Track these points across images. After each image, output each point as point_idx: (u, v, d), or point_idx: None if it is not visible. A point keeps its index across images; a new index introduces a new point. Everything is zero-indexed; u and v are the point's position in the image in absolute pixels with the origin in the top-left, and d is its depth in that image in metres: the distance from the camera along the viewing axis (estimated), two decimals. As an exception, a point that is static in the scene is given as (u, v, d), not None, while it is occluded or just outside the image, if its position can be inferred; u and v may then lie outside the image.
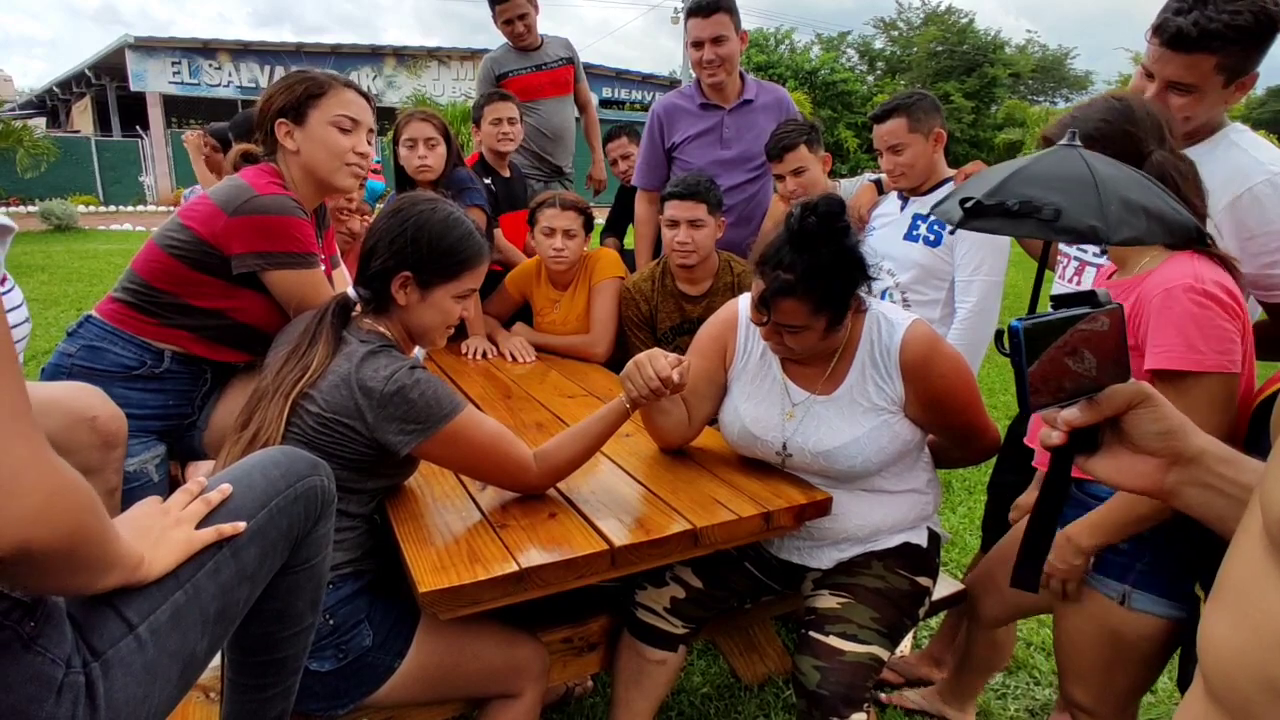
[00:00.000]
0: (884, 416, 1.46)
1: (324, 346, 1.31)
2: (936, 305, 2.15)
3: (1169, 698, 2.02)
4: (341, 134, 1.67)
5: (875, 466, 1.48)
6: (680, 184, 2.27)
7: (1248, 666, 0.45)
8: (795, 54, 29.52)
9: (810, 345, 1.43)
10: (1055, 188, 1.11)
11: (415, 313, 1.40)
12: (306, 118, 1.65)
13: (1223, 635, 0.48)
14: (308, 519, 1.03)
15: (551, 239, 2.45)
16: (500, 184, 3.00)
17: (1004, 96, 29.97)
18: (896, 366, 1.45)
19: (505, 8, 3.34)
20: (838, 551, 1.55)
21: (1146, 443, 0.67)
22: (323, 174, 1.69)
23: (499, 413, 1.96)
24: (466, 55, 20.70)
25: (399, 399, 1.25)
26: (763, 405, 1.55)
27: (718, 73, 2.64)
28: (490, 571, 1.19)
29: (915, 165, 2.13)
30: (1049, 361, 0.67)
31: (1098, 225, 1.05)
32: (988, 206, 1.14)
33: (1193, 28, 1.35)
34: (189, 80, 18.66)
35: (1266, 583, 0.44)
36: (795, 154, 2.38)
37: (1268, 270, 1.42)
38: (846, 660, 1.36)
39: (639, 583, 1.57)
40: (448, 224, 1.38)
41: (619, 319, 2.50)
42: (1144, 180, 1.16)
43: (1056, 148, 1.21)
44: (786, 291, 1.34)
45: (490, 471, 1.38)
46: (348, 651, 1.25)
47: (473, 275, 1.43)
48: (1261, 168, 1.41)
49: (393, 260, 1.36)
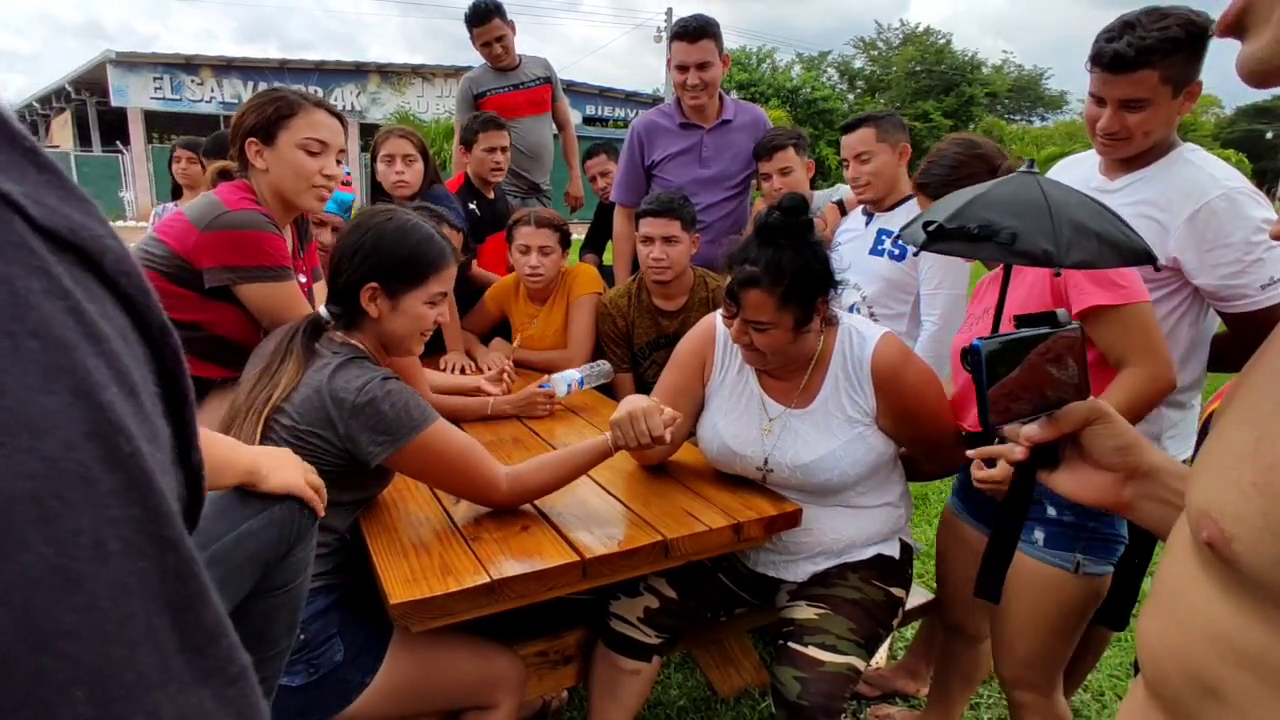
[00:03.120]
0: (859, 429, 1.49)
1: (295, 362, 1.33)
2: (903, 319, 2.19)
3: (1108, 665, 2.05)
4: (309, 156, 1.69)
5: (852, 479, 1.50)
6: (654, 201, 2.30)
7: (1178, 662, 0.47)
8: (777, 73, 29.94)
9: (779, 347, 1.46)
10: (1012, 212, 1.16)
11: (388, 322, 1.41)
12: (276, 139, 1.67)
13: (1156, 633, 0.51)
14: (281, 543, 1.03)
15: (528, 256, 2.48)
16: (484, 206, 3.02)
17: (982, 115, 30.55)
18: (869, 378, 1.49)
19: (482, 31, 3.40)
20: (812, 565, 1.58)
21: (1103, 458, 0.70)
22: (288, 195, 1.71)
23: (475, 428, 1.97)
24: (450, 72, 20.77)
25: (370, 409, 1.26)
26: (740, 421, 1.57)
27: (700, 96, 2.69)
28: (462, 583, 1.20)
29: (881, 175, 2.19)
30: (1010, 379, 0.69)
31: (1050, 249, 1.10)
32: (950, 230, 1.19)
33: (1128, 49, 1.42)
34: (171, 96, 18.57)
35: (1193, 584, 0.47)
36: (784, 154, 2.49)
37: (1227, 281, 1.47)
38: (826, 671, 1.38)
39: (613, 593, 1.58)
40: (405, 231, 1.40)
41: (596, 334, 2.53)
42: (1097, 206, 1.21)
43: (1015, 174, 1.27)
44: (752, 282, 1.39)
45: (460, 484, 1.39)
46: (318, 667, 1.25)
47: (439, 279, 1.43)
48: (1217, 183, 1.47)
49: (357, 273, 1.37)
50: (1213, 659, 0.44)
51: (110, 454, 0.19)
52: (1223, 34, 0.45)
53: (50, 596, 0.17)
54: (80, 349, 0.18)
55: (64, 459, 0.17)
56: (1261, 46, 0.43)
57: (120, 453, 0.19)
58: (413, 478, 1.45)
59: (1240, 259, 1.45)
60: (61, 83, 19.49)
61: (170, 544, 0.20)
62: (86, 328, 0.19)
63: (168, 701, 0.20)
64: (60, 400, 0.18)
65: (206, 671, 0.21)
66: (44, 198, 0.19)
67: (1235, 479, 0.44)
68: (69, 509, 0.17)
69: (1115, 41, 1.44)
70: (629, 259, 2.93)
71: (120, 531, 0.19)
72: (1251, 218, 1.44)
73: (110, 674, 0.18)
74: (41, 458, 0.17)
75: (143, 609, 0.19)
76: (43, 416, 0.17)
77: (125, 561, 0.19)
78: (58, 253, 0.19)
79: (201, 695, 0.21)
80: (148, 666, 0.19)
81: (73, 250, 0.19)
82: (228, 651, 0.23)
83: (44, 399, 0.17)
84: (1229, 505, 0.44)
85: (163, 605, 0.20)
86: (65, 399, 0.18)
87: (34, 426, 0.17)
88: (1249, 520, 0.42)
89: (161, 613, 0.20)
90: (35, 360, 0.17)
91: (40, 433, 0.17)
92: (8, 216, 0.18)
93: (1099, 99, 1.52)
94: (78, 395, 0.18)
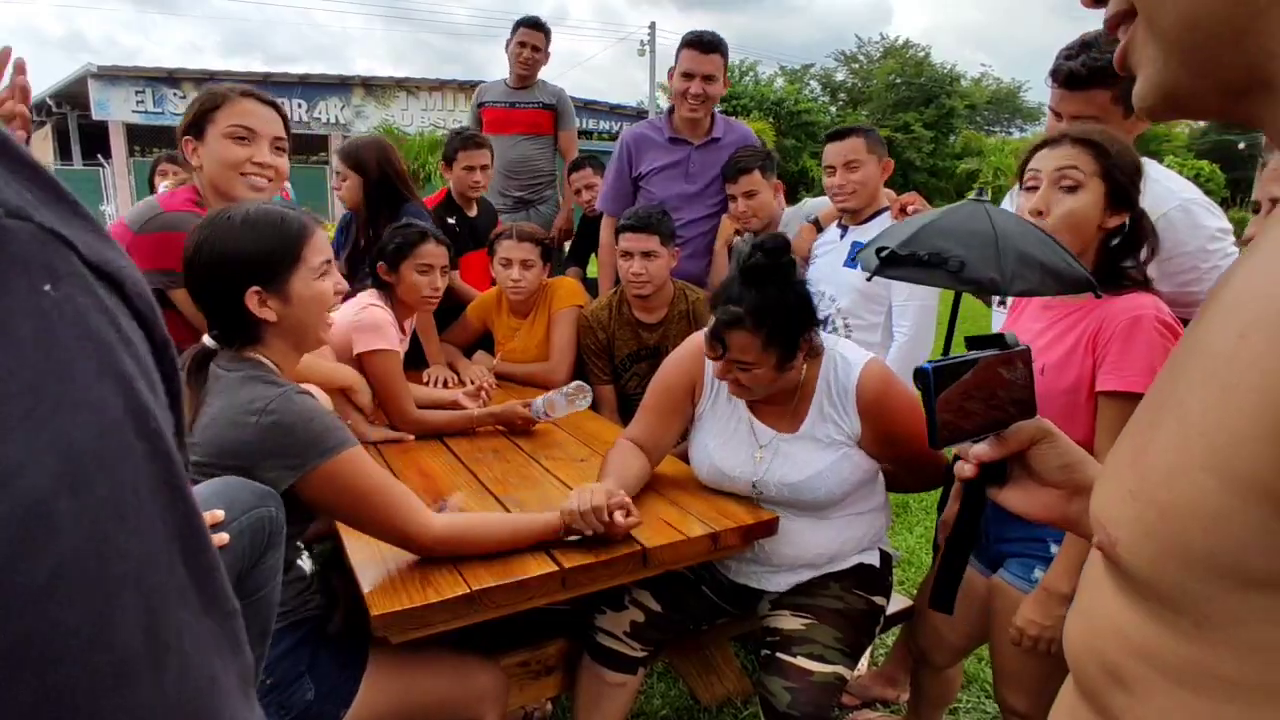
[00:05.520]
0: (843, 450, 1.52)
1: (189, 397, 1.20)
2: (877, 329, 2.24)
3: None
4: (237, 144, 1.65)
5: (839, 496, 1.54)
6: (633, 217, 2.34)
7: (1093, 656, 0.50)
8: (760, 85, 30.21)
9: (764, 384, 1.48)
10: (961, 241, 1.22)
11: (289, 318, 1.27)
12: (205, 132, 1.65)
13: (1076, 630, 0.54)
14: (254, 550, 1.03)
15: (509, 269, 2.50)
16: (465, 223, 3.03)
17: (961, 127, 30.98)
18: (853, 404, 1.51)
19: (530, 34, 3.48)
20: (794, 576, 1.60)
21: (1049, 475, 0.72)
22: (221, 187, 1.67)
23: (457, 440, 1.99)
24: (435, 86, 20.81)
25: (275, 429, 1.15)
26: (730, 445, 1.60)
27: (699, 109, 2.70)
28: (441, 594, 1.21)
29: (867, 184, 2.22)
30: (959, 400, 0.71)
31: (996, 277, 1.15)
32: (902, 256, 1.24)
33: (1082, 69, 1.48)
34: (153, 109, 18.47)
35: (1101, 584, 0.50)
36: (749, 177, 2.51)
37: (1185, 289, 1.52)
38: (815, 681, 1.41)
39: (599, 607, 1.60)
40: (252, 219, 1.25)
41: (578, 347, 2.55)
42: (1043, 236, 1.26)
43: (966, 202, 1.32)
44: (736, 322, 1.40)
45: (375, 522, 1.24)
46: (289, 708, 1.22)
47: (312, 248, 1.29)
48: (1173, 195, 1.52)
49: (229, 285, 1.23)
50: (1119, 653, 0.47)
51: (141, 426, 0.25)
52: (1120, 71, 0.49)
53: (110, 524, 0.23)
54: (118, 350, 0.25)
55: (113, 427, 0.24)
56: (1140, 86, 0.47)
57: (147, 426, 0.25)
58: (324, 511, 1.28)
59: (1197, 266, 1.50)
60: (43, 96, 19.33)
61: (182, 494, 0.27)
62: (121, 335, 0.25)
63: (189, 621, 0.26)
64: (110, 386, 0.24)
65: (208, 603, 0.27)
66: (86, 238, 0.26)
67: (1118, 487, 0.47)
68: (119, 461, 0.24)
69: (1072, 60, 1.50)
70: (614, 269, 2.96)
71: (149, 482, 0.25)
72: (1206, 227, 1.50)
73: (152, 589, 0.24)
74: (100, 425, 0.23)
75: (167, 542, 0.25)
76: (100, 396, 0.24)
77: (154, 503, 0.25)
78: (99, 279, 0.26)
79: (207, 623, 0.27)
80: (174, 588, 0.25)
81: (107, 278, 0.26)
82: (224, 590, 0.29)
83: (98, 384, 0.24)
84: (1113, 511, 0.47)
85: (178, 542, 0.26)
86: (112, 385, 0.24)
87: (94, 402, 0.23)
88: (1127, 525, 0.45)
89: (178, 548, 0.26)
90: (92, 356, 0.24)
91: (99, 408, 0.24)
92: (67, 253, 0.24)
93: (1057, 113, 1.57)
94: (119, 382, 0.25)
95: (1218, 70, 0.42)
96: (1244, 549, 0.38)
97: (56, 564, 0.21)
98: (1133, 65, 0.46)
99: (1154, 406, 0.48)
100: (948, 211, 1.31)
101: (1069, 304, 1.39)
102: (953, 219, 1.28)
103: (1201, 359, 0.42)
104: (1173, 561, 0.42)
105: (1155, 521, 0.43)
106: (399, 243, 2.15)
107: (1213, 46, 0.41)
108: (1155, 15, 0.44)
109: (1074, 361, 1.33)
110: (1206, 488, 0.39)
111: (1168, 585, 0.43)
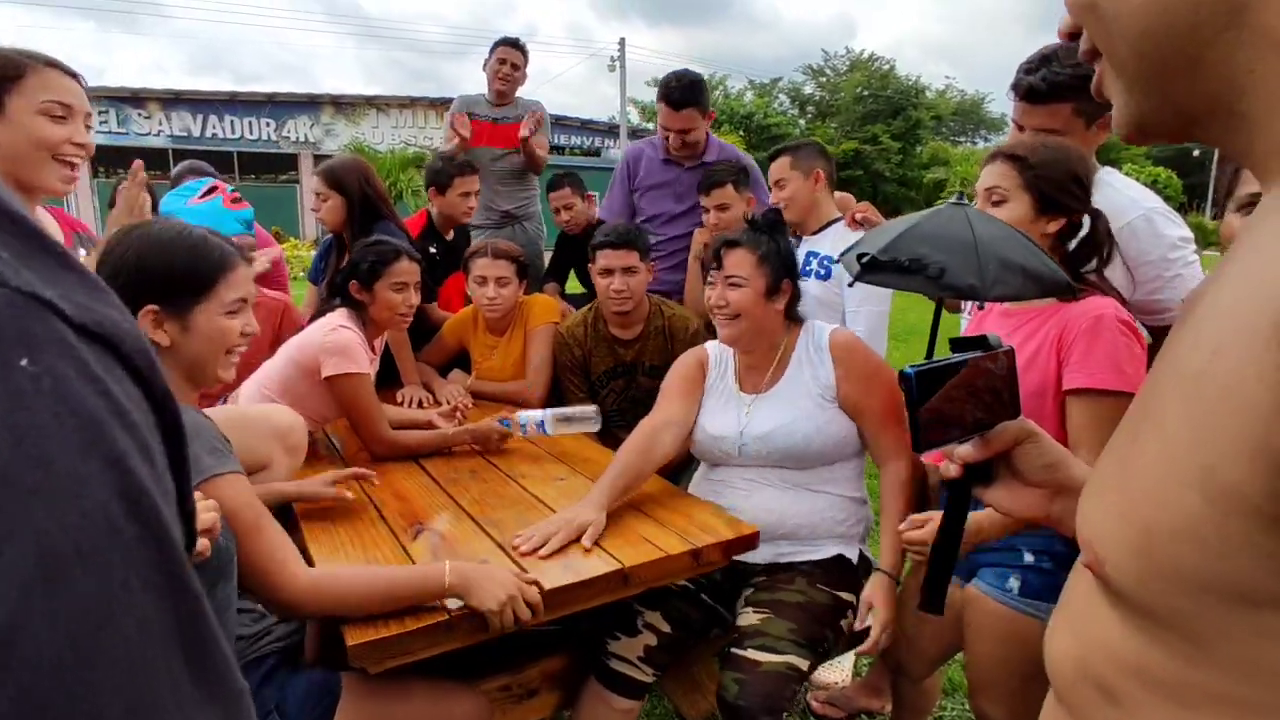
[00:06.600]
0: (819, 401, 1.68)
1: None
2: None
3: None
4: (53, 122, 1.44)
5: (817, 444, 1.65)
6: (611, 233, 2.35)
7: (1081, 672, 0.50)
8: (729, 99, 30.54)
9: (750, 308, 1.64)
10: (941, 247, 1.23)
11: (183, 347, 1.19)
12: (4, 106, 1.40)
13: (1061, 643, 0.54)
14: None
15: (484, 287, 2.48)
16: (443, 247, 3.00)
17: (928, 138, 31.54)
18: (826, 351, 1.71)
19: (509, 52, 3.53)
20: (773, 548, 1.65)
21: (1033, 475, 0.73)
22: (24, 172, 1.44)
23: (433, 461, 1.96)
24: (406, 103, 20.77)
25: None
26: (721, 412, 1.77)
27: (683, 150, 2.88)
28: (420, 620, 1.19)
29: (794, 199, 2.33)
30: (942, 402, 0.71)
31: (975, 283, 1.16)
32: (883, 261, 1.24)
33: (1042, 83, 1.51)
34: (117, 129, 18.22)
35: (1090, 599, 0.50)
36: (722, 191, 2.57)
37: (1151, 296, 1.55)
38: (763, 671, 1.41)
39: (611, 631, 1.58)
40: (172, 239, 1.20)
41: (554, 364, 2.54)
42: (1022, 240, 1.28)
43: (945, 206, 1.33)
44: (735, 242, 1.67)
45: (242, 560, 1.14)
46: None
47: (229, 284, 1.22)
48: (1136, 204, 1.56)
49: (127, 299, 1.18)
50: (1108, 668, 0.47)
51: (133, 509, 0.23)
52: (1099, 100, 0.50)
53: (93, 627, 0.21)
54: (109, 424, 0.23)
55: (98, 513, 0.22)
56: (1114, 115, 0.48)
57: (141, 508, 0.23)
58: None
59: (1160, 274, 1.53)
60: (0, 118, 18.95)
61: (180, 580, 0.25)
62: (113, 405, 0.23)
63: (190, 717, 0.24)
64: (95, 466, 0.22)
65: (213, 691, 0.25)
66: (75, 296, 0.23)
67: (1103, 505, 0.47)
68: (105, 551, 0.22)
69: (1032, 74, 1.53)
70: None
71: (141, 571, 0.23)
72: (1168, 236, 1.53)
73: (140, 695, 0.22)
74: (81, 512, 0.21)
75: (162, 638, 0.23)
76: (81, 480, 0.21)
77: (146, 594, 0.23)
78: (88, 342, 0.23)
79: (210, 712, 0.25)
80: (168, 688, 0.23)
81: (99, 340, 0.24)
82: (230, 671, 0.27)
83: (82, 466, 0.22)
84: (1100, 530, 0.47)
85: (176, 633, 0.24)
86: (99, 465, 0.22)
87: (74, 488, 0.21)
88: (1114, 544, 0.46)
89: (177, 642, 0.24)
90: (74, 434, 0.22)
91: (80, 493, 0.21)
92: (48, 317, 0.22)
93: (1020, 126, 1.60)
94: (108, 462, 0.22)
95: (1178, 98, 0.43)
96: (1230, 565, 0.38)
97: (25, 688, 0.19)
98: (1107, 96, 0.48)
99: (1135, 422, 0.48)
100: (929, 215, 1.32)
101: (1029, 309, 1.41)
102: (933, 223, 1.29)
103: (1177, 376, 0.43)
104: (1161, 579, 0.42)
105: (1141, 540, 0.43)
106: (373, 260, 2.10)
107: (1169, 77, 0.42)
108: (1113, 51, 0.45)
109: (1038, 365, 1.35)
110: (1190, 505, 0.39)
111: (1157, 602, 0.43)
